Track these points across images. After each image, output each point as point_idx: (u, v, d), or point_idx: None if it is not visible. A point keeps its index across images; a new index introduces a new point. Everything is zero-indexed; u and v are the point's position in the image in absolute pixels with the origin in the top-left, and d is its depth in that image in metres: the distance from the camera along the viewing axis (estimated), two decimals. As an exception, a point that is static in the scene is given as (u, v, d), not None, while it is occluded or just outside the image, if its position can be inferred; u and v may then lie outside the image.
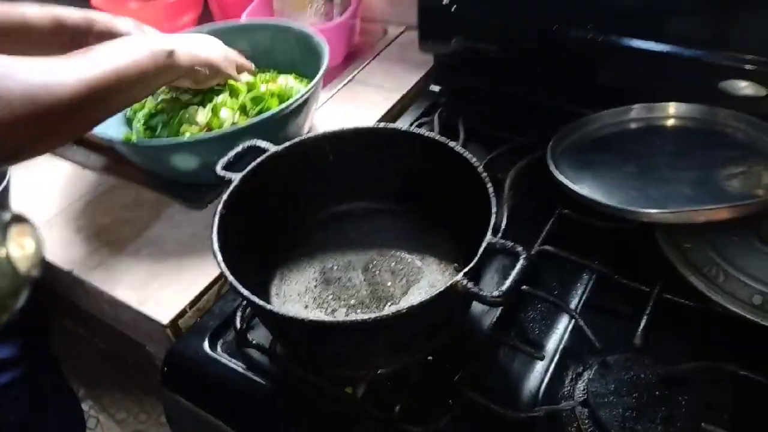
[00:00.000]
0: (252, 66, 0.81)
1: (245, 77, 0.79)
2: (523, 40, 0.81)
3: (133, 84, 0.58)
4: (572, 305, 0.60)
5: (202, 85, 0.73)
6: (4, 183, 0.72)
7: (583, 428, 0.50)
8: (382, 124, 0.64)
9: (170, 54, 0.63)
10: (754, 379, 0.49)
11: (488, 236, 0.48)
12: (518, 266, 0.45)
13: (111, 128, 0.81)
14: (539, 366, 0.56)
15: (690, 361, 0.51)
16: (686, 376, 0.50)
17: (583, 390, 0.52)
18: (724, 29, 0.68)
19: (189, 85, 0.73)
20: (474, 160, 0.56)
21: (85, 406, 1.41)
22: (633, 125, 0.73)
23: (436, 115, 0.84)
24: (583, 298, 0.61)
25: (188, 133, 0.74)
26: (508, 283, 0.44)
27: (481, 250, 0.47)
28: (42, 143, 0.52)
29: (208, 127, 0.75)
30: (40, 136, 0.50)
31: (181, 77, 0.68)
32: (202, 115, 0.75)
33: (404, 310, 0.44)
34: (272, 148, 0.61)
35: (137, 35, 0.70)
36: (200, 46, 0.70)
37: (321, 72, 0.77)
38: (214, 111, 0.75)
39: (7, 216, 0.26)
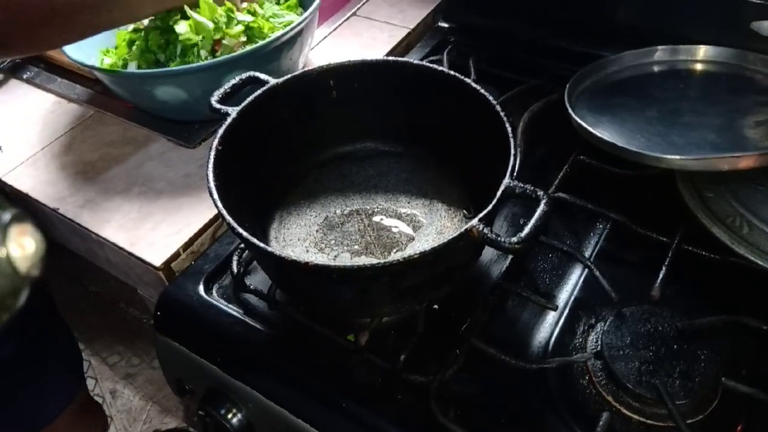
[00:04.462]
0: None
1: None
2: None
3: None
4: (586, 255, 0.57)
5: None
6: None
7: (596, 381, 0.48)
8: (391, 58, 0.60)
9: None
10: (776, 335, 0.47)
11: (507, 179, 0.45)
12: (539, 211, 0.42)
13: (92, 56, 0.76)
14: (550, 317, 0.54)
15: (710, 314, 0.48)
16: (706, 330, 0.48)
17: (597, 342, 0.50)
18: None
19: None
20: (491, 97, 0.52)
21: (76, 349, 1.40)
22: (656, 68, 0.68)
23: (445, 53, 0.79)
24: (598, 248, 0.58)
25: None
26: (528, 229, 0.41)
27: (500, 193, 0.44)
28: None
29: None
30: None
31: None
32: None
33: (415, 256, 0.41)
34: (272, 81, 0.56)
35: None
36: None
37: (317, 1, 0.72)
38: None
39: (7, 216, 0.25)
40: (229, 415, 0.53)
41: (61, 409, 0.75)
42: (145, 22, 0.72)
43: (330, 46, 0.88)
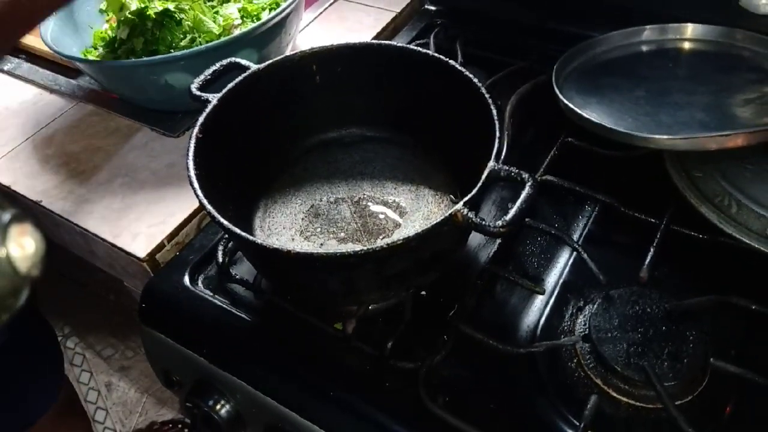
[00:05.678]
0: None
1: None
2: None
3: None
4: (574, 238, 0.57)
5: None
6: None
7: (585, 364, 0.48)
8: (374, 41, 0.59)
9: None
10: (765, 314, 0.47)
11: (491, 162, 0.44)
12: (524, 194, 0.41)
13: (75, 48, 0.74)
14: (538, 301, 0.53)
15: (699, 295, 0.48)
16: (694, 311, 0.48)
17: (585, 325, 0.49)
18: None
19: None
20: (476, 80, 0.51)
21: (70, 344, 1.40)
22: (644, 48, 0.68)
23: (432, 36, 0.78)
24: (586, 230, 0.58)
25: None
26: (512, 212, 0.40)
27: (484, 176, 0.43)
28: None
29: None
30: None
31: None
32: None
33: (400, 242, 0.41)
34: (254, 66, 0.55)
35: None
36: None
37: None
38: None
39: (7, 216, 0.26)
40: (218, 407, 0.52)
41: (44, 409, 0.75)
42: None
43: (316, 31, 0.86)
